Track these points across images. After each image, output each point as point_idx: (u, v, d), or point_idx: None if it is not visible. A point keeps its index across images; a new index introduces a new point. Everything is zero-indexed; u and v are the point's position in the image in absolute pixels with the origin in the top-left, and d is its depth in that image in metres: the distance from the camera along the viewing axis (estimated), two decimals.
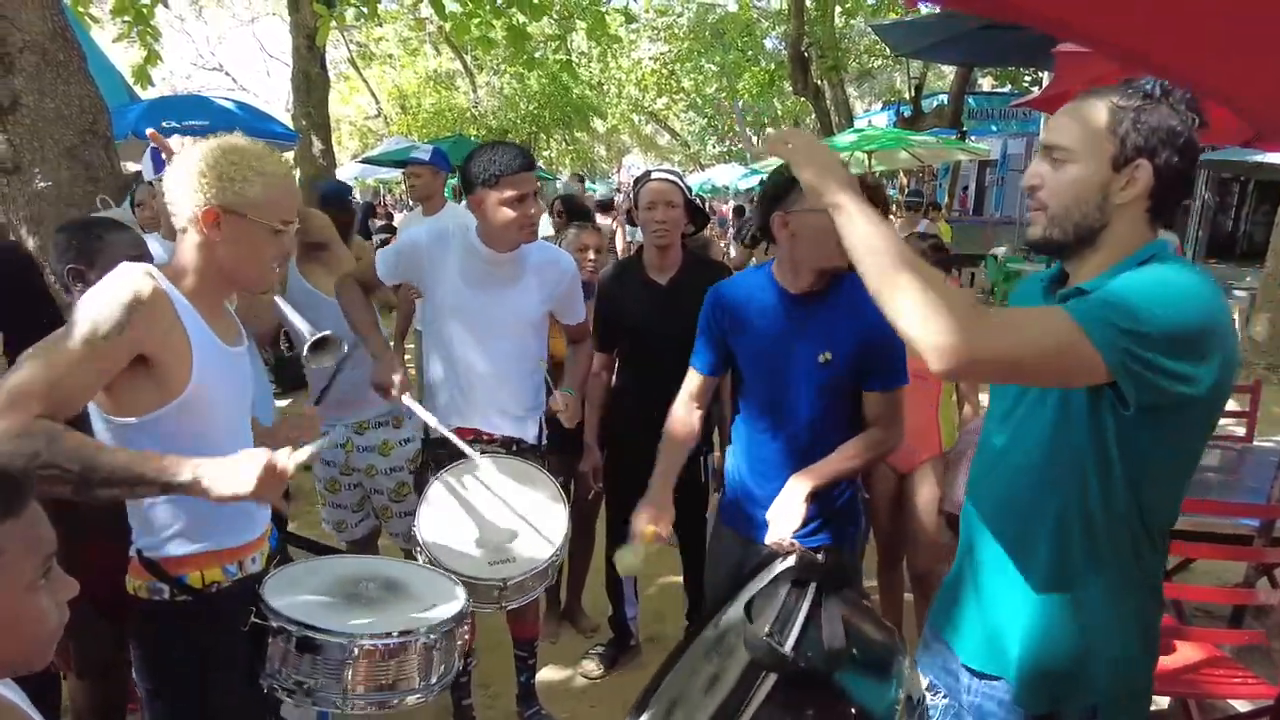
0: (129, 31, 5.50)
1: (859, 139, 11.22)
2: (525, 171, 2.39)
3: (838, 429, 2.15)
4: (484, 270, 2.50)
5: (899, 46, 8.82)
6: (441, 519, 2.24)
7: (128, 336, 1.47)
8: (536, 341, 2.61)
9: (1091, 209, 1.33)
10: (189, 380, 1.57)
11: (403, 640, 1.64)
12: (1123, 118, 1.30)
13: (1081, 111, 1.34)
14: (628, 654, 3.32)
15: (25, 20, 3.13)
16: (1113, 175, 1.31)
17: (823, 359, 2.08)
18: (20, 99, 3.18)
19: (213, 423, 1.64)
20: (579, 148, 30.09)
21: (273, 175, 1.60)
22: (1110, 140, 1.31)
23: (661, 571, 3.97)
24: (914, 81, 15.99)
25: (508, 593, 2.12)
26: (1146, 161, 1.30)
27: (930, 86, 18.21)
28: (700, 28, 22.78)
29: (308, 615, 1.62)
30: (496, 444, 2.51)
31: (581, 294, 2.70)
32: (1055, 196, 1.35)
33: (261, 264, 1.65)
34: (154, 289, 1.52)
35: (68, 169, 3.35)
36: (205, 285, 1.64)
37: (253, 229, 1.60)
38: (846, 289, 2.09)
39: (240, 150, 1.60)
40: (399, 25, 22.85)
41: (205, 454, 1.57)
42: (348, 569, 1.89)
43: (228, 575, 1.69)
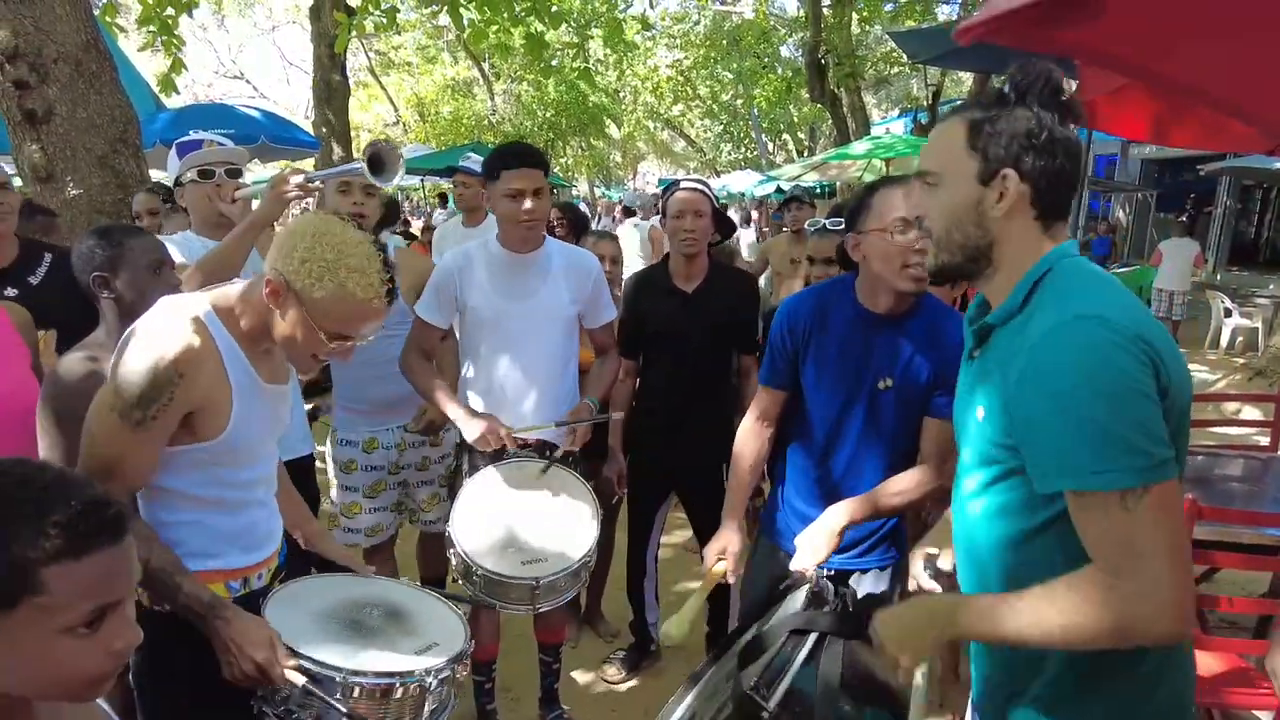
0: (153, 41, 5.60)
1: (876, 146, 11.20)
2: (524, 167, 2.42)
3: (898, 460, 2.10)
4: (510, 275, 2.54)
5: (916, 54, 8.81)
6: (475, 519, 2.27)
7: (171, 412, 1.50)
8: (568, 343, 2.64)
9: (970, 228, 1.28)
10: (225, 428, 1.59)
11: (399, 682, 1.59)
12: (980, 130, 1.25)
13: (944, 133, 1.31)
14: (648, 659, 3.33)
15: (60, 32, 3.20)
16: (982, 191, 1.26)
17: (883, 385, 2.04)
18: (54, 109, 3.25)
19: (232, 461, 1.65)
20: (595, 154, 30.18)
21: (351, 295, 1.50)
22: (971, 156, 1.26)
23: (683, 578, 3.98)
24: (931, 89, 15.92)
25: (540, 593, 2.14)
26: (1012, 170, 1.24)
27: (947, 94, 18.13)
28: (716, 35, 22.83)
29: (302, 643, 1.58)
30: (530, 448, 2.55)
31: (609, 295, 2.71)
32: (935, 222, 1.32)
33: (301, 353, 1.59)
34: (199, 350, 1.51)
35: (99, 177, 3.42)
36: (257, 330, 1.61)
37: (303, 322, 1.54)
38: (926, 315, 2.06)
39: (341, 249, 1.51)
40: (417, 33, 23.05)
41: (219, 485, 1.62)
42: (353, 591, 1.84)
43: (230, 591, 1.69)
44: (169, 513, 1.63)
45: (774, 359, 2.20)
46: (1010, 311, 1.27)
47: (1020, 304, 1.25)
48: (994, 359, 1.29)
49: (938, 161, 1.31)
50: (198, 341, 1.52)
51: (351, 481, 3.03)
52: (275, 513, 1.85)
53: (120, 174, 3.48)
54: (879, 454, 2.09)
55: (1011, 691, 1.35)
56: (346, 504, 3.05)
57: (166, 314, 1.55)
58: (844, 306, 2.10)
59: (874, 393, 2.05)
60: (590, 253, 2.77)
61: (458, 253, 2.63)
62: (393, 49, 25.19)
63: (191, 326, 1.53)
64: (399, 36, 22.37)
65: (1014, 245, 1.28)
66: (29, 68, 3.16)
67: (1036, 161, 1.23)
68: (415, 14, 20.05)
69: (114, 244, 1.94)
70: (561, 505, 2.34)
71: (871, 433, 2.08)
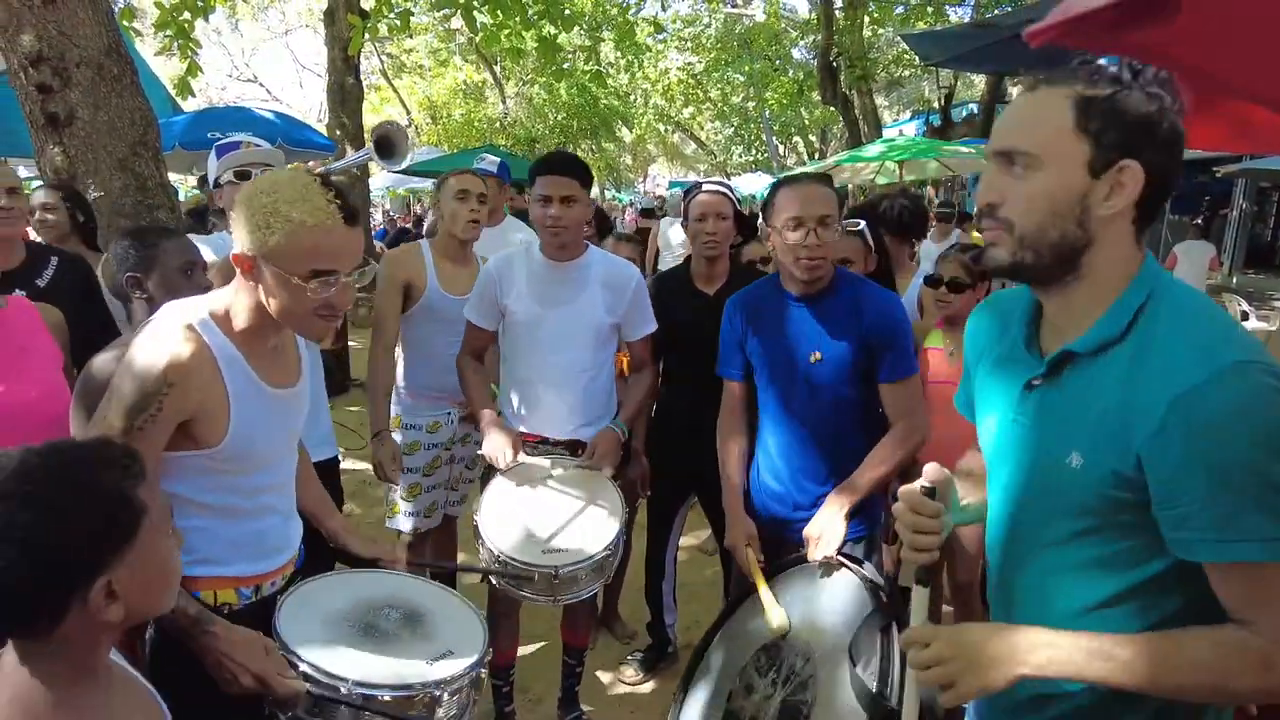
0: (170, 45, 5.64)
1: (888, 149, 11.16)
2: (554, 174, 2.51)
3: (850, 430, 2.28)
4: (549, 283, 2.61)
5: (929, 56, 8.76)
6: (502, 511, 2.32)
7: (162, 420, 1.48)
8: (604, 350, 2.69)
9: (1070, 225, 1.09)
10: (225, 435, 1.56)
11: (409, 694, 1.57)
12: (1093, 112, 1.06)
13: (1041, 107, 1.10)
14: (666, 661, 3.33)
15: (82, 37, 3.23)
16: (1091, 183, 1.08)
17: (813, 358, 2.22)
18: (76, 112, 3.27)
19: (240, 469, 1.63)
20: (606, 157, 30.21)
21: (299, 224, 1.44)
22: (1081, 139, 1.07)
23: (700, 579, 3.98)
24: (943, 91, 15.87)
25: (560, 583, 2.15)
26: (1134, 163, 1.06)
27: (959, 95, 18.09)
28: (728, 38, 22.81)
29: (318, 651, 1.56)
30: (562, 447, 2.61)
31: (649, 309, 2.74)
32: (1023, 213, 1.11)
33: (299, 315, 1.52)
34: (190, 358, 1.49)
35: (119, 180, 3.44)
36: (254, 324, 1.57)
37: (278, 279, 1.48)
38: (846, 289, 2.26)
39: (274, 189, 1.47)
40: (429, 37, 23.14)
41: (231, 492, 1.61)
42: (371, 590, 1.81)
43: (241, 598, 1.67)
44: (178, 518, 1.61)
45: (724, 351, 2.46)
46: (1106, 341, 1.10)
47: (1121, 333, 1.09)
48: (1082, 394, 1.12)
49: (1034, 141, 1.09)
50: (187, 350, 1.49)
51: (414, 463, 3.12)
52: (291, 520, 1.82)
53: (140, 176, 3.50)
54: (827, 425, 2.27)
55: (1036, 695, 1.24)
56: (408, 486, 3.13)
57: (160, 323, 1.54)
58: (773, 295, 2.33)
59: (807, 367, 2.23)
60: (633, 265, 2.78)
61: (501, 258, 2.71)
62: (405, 52, 25.29)
63: (182, 335, 1.51)
64: (411, 40, 22.44)
65: (1108, 253, 1.10)
66: (52, 72, 3.19)
67: (1156, 155, 1.06)
68: (428, 17, 20.14)
69: (147, 245, 1.97)
70: (587, 501, 2.38)
71: (815, 405, 2.26)
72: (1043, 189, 1.09)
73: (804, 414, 2.29)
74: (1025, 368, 1.21)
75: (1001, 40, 6.60)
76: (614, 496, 2.40)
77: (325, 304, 1.52)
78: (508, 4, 6.21)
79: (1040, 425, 1.18)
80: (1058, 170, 1.08)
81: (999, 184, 1.13)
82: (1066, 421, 1.14)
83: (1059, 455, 1.13)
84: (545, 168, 2.55)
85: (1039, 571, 1.22)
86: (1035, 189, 1.09)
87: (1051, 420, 1.16)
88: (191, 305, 1.59)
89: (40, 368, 2.00)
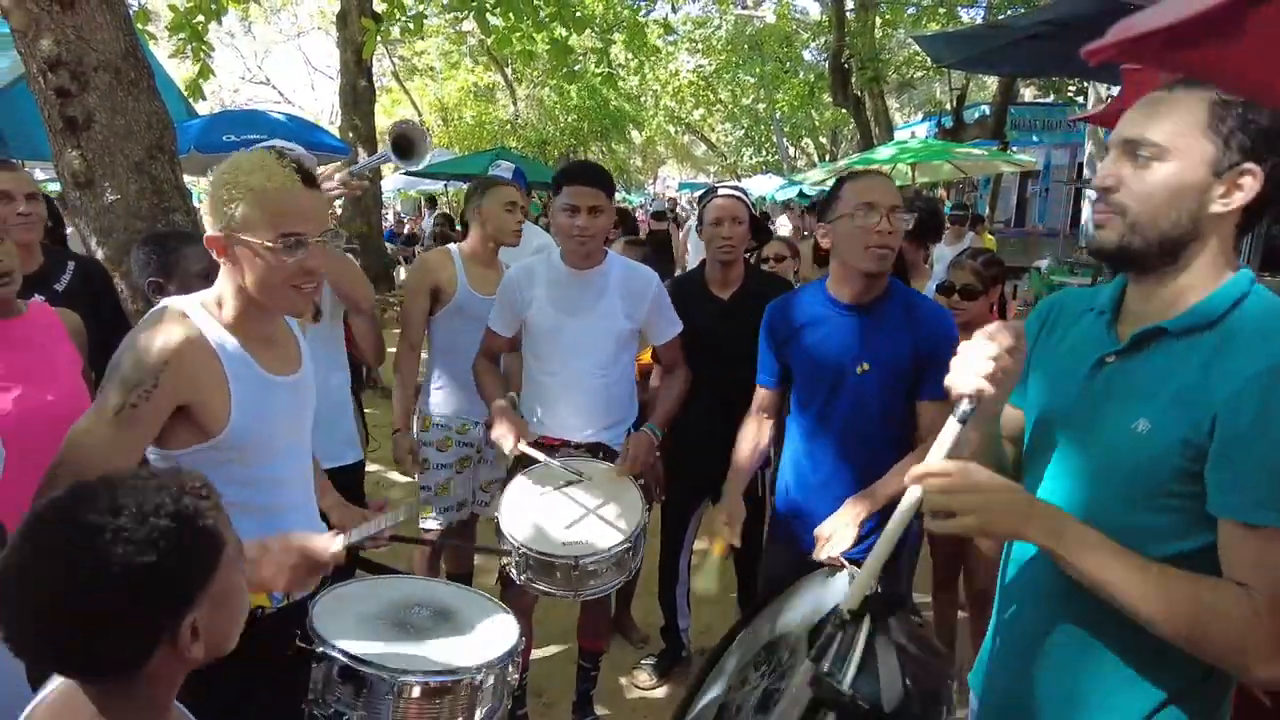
0: (183, 48, 5.68)
1: (901, 151, 11.13)
2: (580, 184, 2.51)
3: (887, 445, 2.19)
4: (568, 290, 2.62)
5: (941, 58, 8.72)
6: (522, 506, 2.33)
7: (155, 400, 1.47)
8: (623, 355, 2.70)
9: (1183, 217, 1.15)
10: (227, 421, 1.56)
11: (451, 679, 1.58)
12: (1226, 115, 1.13)
13: (1174, 104, 1.16)
14: (680, 666, 3.32)
15: (100, 41, 3.24)
16: (1212, 181, 1.14)
17: (860, 369, 2.15)
18: (94, 116, 3.28)
19: (257, 457, 1.62)
20: (616, 159, 30.27)
21: (260, 189, 1.48)
22: (1211, 140, 1.13)
23: (715, 584, 3.96)
24: (955, 92, 15.84)
25: (580, 576, 2.15)
26: (1256, 167, 1.12)
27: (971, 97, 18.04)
28: (738, 39, 22.81)
29: (354, 644, 1.58)
30: (583, 449, 2.63)
31: (671, 312, 2.74)
32: (1140, 199, 1.17)
33: (274, 287, 1.54)
34: (183, 340, 1.50)
35: (135, 183, 3.45)
36: (243, 311, 1.59)
37: (251, 250, 1.50)
38: (899, 300, 2.19)
39: (232, 167, 1.50)
40: (440, 39, 23.22)
41: (245, 486, 1.58)
42: (399, 592, 1.85)
43: (273, 600, 1.68)
44: None
45: (762, 359, 2.40)
46: (1198, 324, 1.17)
47: (1215, 320, 1.16)
48: (1160, 370, 1.19)
49: (1166, 135, 1.15)
50: (181, 332, 1.51)
51: (446, 459, 3.17)
52: (314, 518, 1.82)
53: (156, 179, 3.51)
54: (866, 438, 2.20)
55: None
56: (440, 483, 3.17)
57: (155, 312, 1.57)
58: (816, 303, 2.26)
59: (853, 378, 2.16)
60: (651, 270, 2.78)
61: (522, 267, 2.74)
62: (416, 54, 25.38)
63: (177, 320, 1.53)
64: (422, 42, 22.53)
65: (1209, 249, 1.17)
66: (70, 76, 3.20)
67: (1278, 164, 1.13)
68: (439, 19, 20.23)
69: (168, 250, 2.00)
70: (608, 498, 2.38)
71: (857, 418, 2.19)
72: (1164, 179, 1.15)
73: (843, 425, 2.21)
74: (1099, 347, 1.28)
75: (1014, 41, 6.58)
76: (634, 494, 2.40)
77: (299, 269, 1.53)
78: (520, 6, 6.23)
79: (1109, 395, 1.24)
80: (1182, 164, 1.14)
81: (1119, 170, 1.19)
82: (1138, 392, 1.20)
83: (1125, 422, 1.19)
84: (572, 178, 2.54)
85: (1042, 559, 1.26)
86: (1157, 179, 1.16)
87: (1122, 391, 1.22)
88: (185, 298, 1.61)
89: (60, 371, 2.02)
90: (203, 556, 1.00)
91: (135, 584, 0.92)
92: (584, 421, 2.66)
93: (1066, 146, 17.21)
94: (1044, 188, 19.72)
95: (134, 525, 0.93)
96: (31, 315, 2.06)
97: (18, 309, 2.04)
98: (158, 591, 0.95)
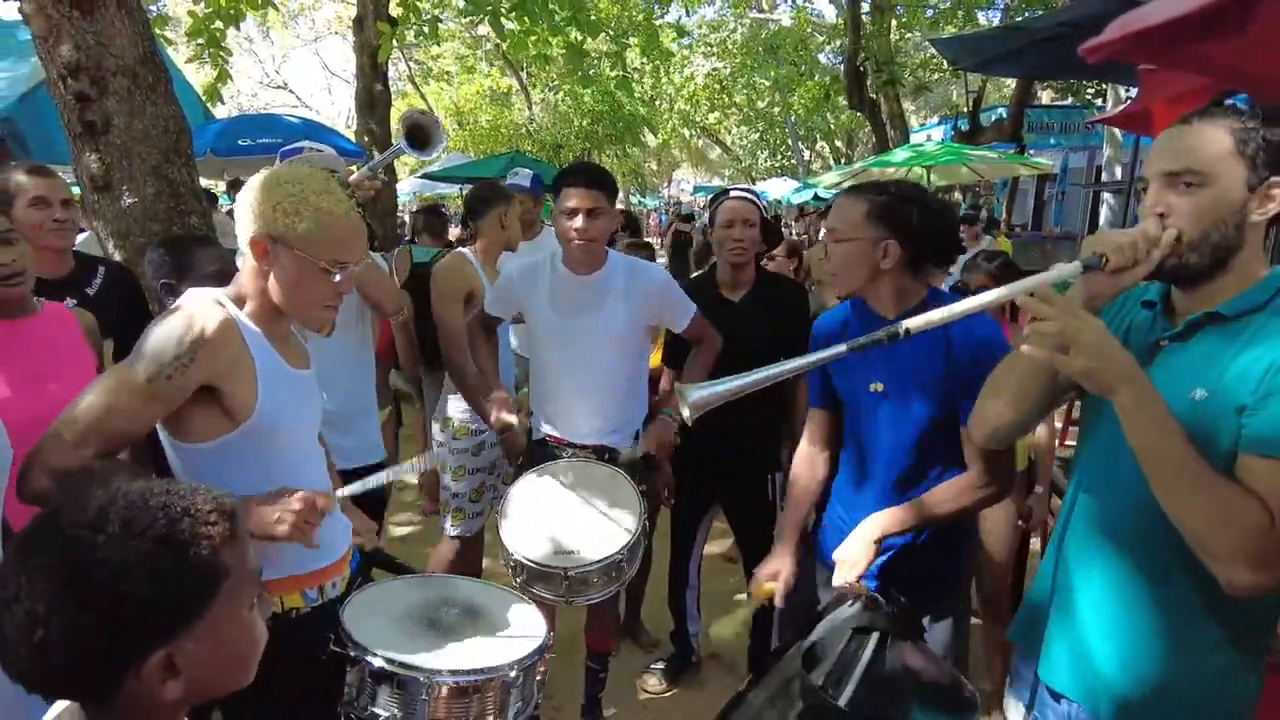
0: (201, 53, 5.73)
1: (917, 154, 11.07)
2: (578, 186, 2.48)
3: (895, 468, 2.04)
4: (571, 295, 2.60)
5: (958, 60, 8.69)
6: (521, 510, 2.35)
7: (189, 375, 1.48)
8: (630, 358, 2.69)
9: (1230, 231, 1.34)
10: (254, 408, 1.58)
11: (484, 677, 1.60)
12: (1249, 139, 1.32)
13: (1203, 135, 1.35)
14: (689, 670, 3.31)
15: (119, 46, 3.27)
16: (1247, 196, 1.33)
17: (873, 388, 2.01)
18: (112, 120, 3.32)
19: (280, 447, 1.64)
20: (630, 163, 30.29)
21: (329, 213, 1.54)
22: (1240, 162, 1.33)
23: (723, 587, 3.95)
24: (972, 95, 15.73)
25: (570, 584, 2.17)
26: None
27: (988, 99, 17.93)
28: (753, 42, 22.78)
29: (388, 645, 1.59)
30: (588, 451, 2.62)
31: (682, 299, 2.71)
32: (1192, 222, 1.35)
33: (309, 302, 1.60)
34: (221, 321, 1.52)
35: (153, 186, 3.49)
36: (264, 310, 1.62)
37: (298, 264, 1.55)
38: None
39: (302, 181, 1.55)
40: (455, 43, 23.33)
41: (275, 478, 1.59)
42: (428, 591, 1.87)
43: (307, 601, 1.69)
44: None
45: (813, 379, 2.23)
46: (1248, 308, 1.35)
47: (1262, 304, 1.35)
48: (1214, 348, 1.35)
49: (1204, 163, 1.34)
50: (219, 315, 1.54)
51: (479, 463, 3.18)
52: (337, 514, 1.84)
53: (173, 183, 3.54)
54: (922, 461, 2.03)
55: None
56: (474, 488, 3.19)
57: (190, 296, 1.60)
58: (865, 319, 2.06)
59: (868, 398, 2.04)
60: (656, 266, 2.78)
61: (525, 267, 2.71)
62: (431, 58, 25.50)
63: (212, 305, 1.56)
64: (438, 46, 22.64)
65: (1249, 253, 1.37)
66: (90, 81, 3.24)
67: None
68: (455, 23, 20.33)
69: (181, 253, 2.03)
70: (607, 507, 2.38)
71: (889, 441, 2.04)
72: (1211, 202, 1.34)
73: (880, 450, 2.06)
74: (1153, 332, 1.46)
75: (1031, 43, 6.53)
76: (634, 501, 2.39)
77: (335, 293, 1.61)
78: (535, 10, 6.26)
79: (1166, 372, 1.39)
80: (1223, 186, 1.33)
81: (1167, 200, 1.37)
82: (1194, 367, 1.36)
83: (1182, 391, 1.34)
84: (571, 179, 2.51)
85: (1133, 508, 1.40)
86: (1205, 202, 1.34)
87: (1179, 367, 1.38)
88: (208, 290, 1.64)
89: (72, 371, 2.04)
90: (187, 588, 0.90)
91: (100, 606, 0.85)
92: (589, 424, 2.65)
93: (1084, 149, 17.08)
94: (1061, 191, 19.60)
95: (111, 544, 0.87)
96: (46, 314, 2.09)
97: (32, 308, 2.06)
98: (121, 618, 0.86)
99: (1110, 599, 1.47)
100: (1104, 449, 1.49)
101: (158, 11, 6.37)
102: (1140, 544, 1.43)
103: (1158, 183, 1.39)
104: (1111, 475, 1.47)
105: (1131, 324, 1.52)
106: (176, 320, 1.50)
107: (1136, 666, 1.43)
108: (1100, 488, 1.51)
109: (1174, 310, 1.46)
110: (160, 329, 1.50)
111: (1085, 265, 1.36)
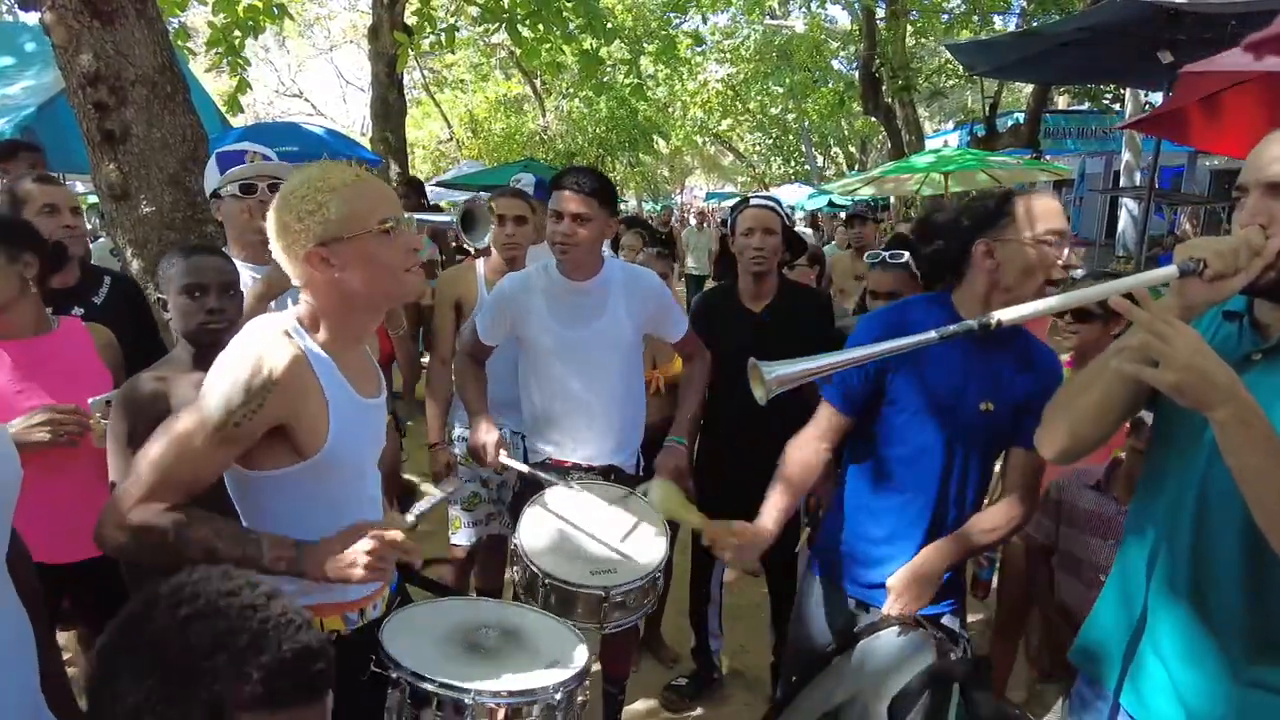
0: (220, 62, 5.75)
1: (936, 160, 10.99)
2: (564, 190, 2.44)
3: (979, 488, 1.99)
4: (568, 303, 2.52)
5: (974, 66, 8.65)
6: (542, 531, 2.25)
7: (259, 419, 1.44)
8: (629, 369, 2.61)
9: None
10: (324, 443, 1.53)
11: (528, 699, 1.57)
12: None
13: None
14: (711, 687, 3.25)
15: (138, 55, 3.27)
16: None
17: (984, 407, 1.90)
18: (131, 129, 3.31)
19: (340, 479, 1.60)
20: (644, 169, 30.29)
21: (346, 186, 1.50)
22: None
23: (746, 604, 3.89)
24: (988, 100, 15.64)
25: (609, 606, 2.06)
26: None
27: (1004, 104, 17.82)
28: (767, 49, 22.76)
29: (430, 667, 1.56)
30: (595, 473, 2.53)
31: (677, 307, 2.67)
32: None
33: (393, 273, 1.53)
34: (291, 360, 1.47)
35: (170, 195, 3.48)
36: (340, 332, 1.57)
37: (360, 245, 1.49)
38: (1021, 335, 1.94)
39: (303, 183, 1.51)
40: (470, 51, 23.42)
41: (331, 508, 1.56)
42: (466, 613, 1.84)
43: (348, 623, 1.66)
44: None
45: (848, 382, 2.00)
46: None
47: None
48: None
49: None
50: (289, 352, 1.47)
51: (468, 474, 3.16)
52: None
53: (190, 191, 3.53)
54: (974, 482, 1.97)
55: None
56: (467, 496, 3.17)
57: (253, 331, 1.52)
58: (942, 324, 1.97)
59: (975, 417, 1.90)
60: (651, 270, 2.73)
61: (517, 279, 2.64)
62: (446, 67, 25.60)
63: (282, 339, 1.50)
64: (453, 55, 22.73)
65: None
66: (109, 90, 3.23)
67: None
68: (469, 32, 20.41)
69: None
70: (630, 523, 2.30)
71: (970, 461, 1.95)
72: None
73: (960, 469, 1.95)
74: (1242, 346, 1.40)
75: (1048, 50, 6.47)
76: (654, 516, 2.31)
77: (405, 249, 1.54)
78: (550, 18, 6.24)
79: (1261, 384, 1.30)
80: None
81: (1270, 209, 1.31)
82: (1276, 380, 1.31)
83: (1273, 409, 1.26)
84: (559, 183, 2.46)
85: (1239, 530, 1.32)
86: None
87: (1276, 379, 1.32)
88: (278, 316, 1.58)
89: (85, 387, 2.02)
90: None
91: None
92: (595, 444, 2.57)
93: (1102, 154, 16.96)
94: (1079, 196, 19.45)
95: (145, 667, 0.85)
96: (63, 331, 2.07)
97: (49, 325, 2.04)
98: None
99: (1206, 630, 1.38)
100: (1191, 466, 1.41)
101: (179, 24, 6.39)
102: (1243, 572, 1.34)
103: (1258, 191, 1.33)
104: (1202, 495, 1.39)
105: (1216, 335, 1.45)
106: (245, 362, 1.44)
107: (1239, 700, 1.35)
108: (1189, 508, 1.42)
109: (1258, 324, 1.40)
110: (228, 371, 1.45)
111: (1182, 270, 1.29)
